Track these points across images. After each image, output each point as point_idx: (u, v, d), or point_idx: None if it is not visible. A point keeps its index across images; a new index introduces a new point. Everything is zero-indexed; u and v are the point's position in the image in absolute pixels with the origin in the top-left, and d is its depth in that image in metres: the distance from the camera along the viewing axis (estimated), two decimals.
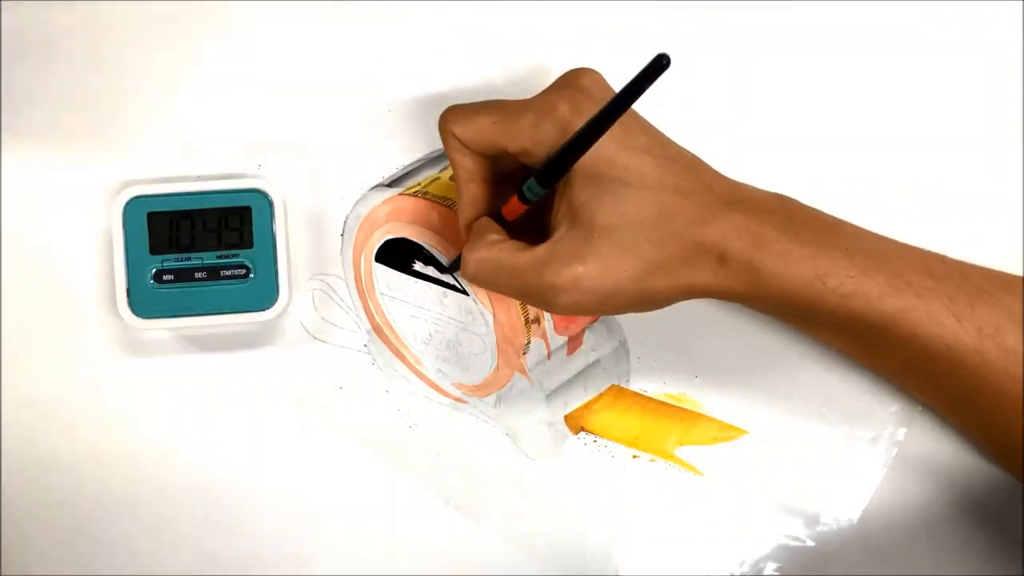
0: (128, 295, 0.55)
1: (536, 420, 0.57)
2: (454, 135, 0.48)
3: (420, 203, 0.55)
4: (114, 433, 0.57)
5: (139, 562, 0.57)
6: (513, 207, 0.48)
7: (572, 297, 0.46)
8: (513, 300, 0.53)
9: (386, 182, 0.57)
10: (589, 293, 0.46)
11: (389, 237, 0.55)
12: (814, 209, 0.50)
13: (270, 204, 0.55)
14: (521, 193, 0.47)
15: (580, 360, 0.57)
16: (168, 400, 0.57)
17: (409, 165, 0.57)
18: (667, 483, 0.57)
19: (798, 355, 0.55)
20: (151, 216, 0.55)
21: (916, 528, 0.56)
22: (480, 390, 0.57)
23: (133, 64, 0.57)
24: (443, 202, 0.54)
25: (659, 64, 0.38)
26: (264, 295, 0.55)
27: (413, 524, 0.57)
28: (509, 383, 0.56)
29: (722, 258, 0.47)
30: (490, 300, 0.53)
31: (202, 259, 0.55)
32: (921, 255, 0.50)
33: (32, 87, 0.57)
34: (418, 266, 0.55)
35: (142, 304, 0.55)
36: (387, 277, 0.56)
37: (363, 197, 0.57)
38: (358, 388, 0.57)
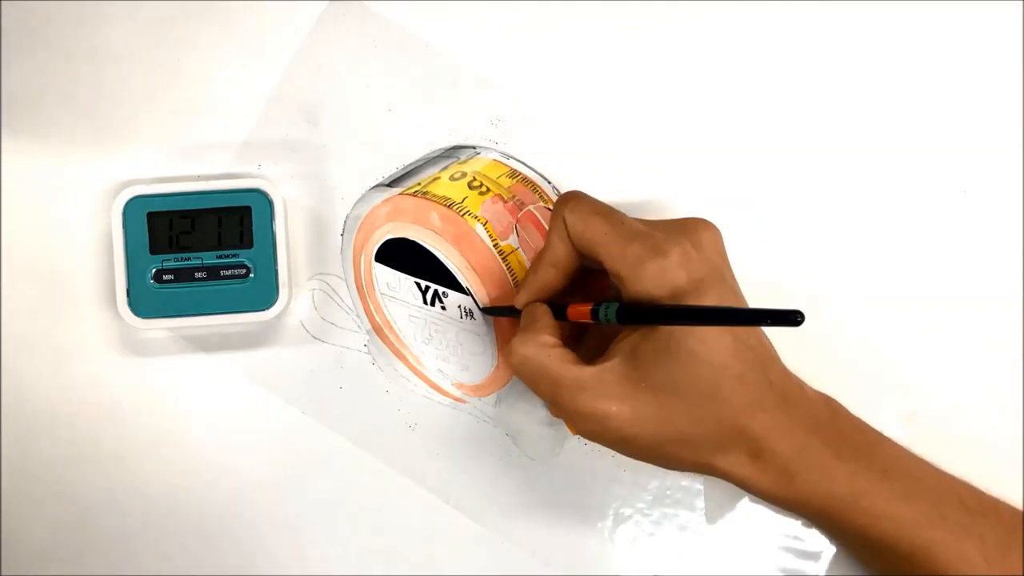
0: (128, 295, 0.55)
1: (536, 420, 0.57)
2: (564, 221, 0.48)
3: (420, 203, 0.55)
4: (114, 433, 0.57)
5: (139, 562, 0.57)
6: (580, 314, 0.48)
7: (593, 428, 0.47)
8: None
9: (386, 182, 0.57)
10: (610, 432, 0.46)
11: (389, 237, 0.55)
12: (858, 420, 0.51)
13: (270, 204, 0.55)
14: (595, 312, 0.47)
15: None
16: (168, 400, 0.57)
17: (409, 165, 0.57)
18: (667, 483, 0.57)
19: (799, 356, 0.54)
20: (151, 216, 0.55)
21: None
22: (480, 390, 0.57)
23: (133, 64, 0.57)
24: (443, 202, 0.54)
25: (791, 319, 0.37)
26: (264, 295, 0.55)
27: (413, 524, 0.57)
28: (509, 383, 0.56)
29: (758, 453, 0.47)
30: (490, 299, 0.53)
31: (202, 259, 0.55)
32: (956, 486, 0.51)
33: (32, 87, 0.57)
34: (419, 273, 0.55)
35: (142, 304, 0.55)
36: (387, 277, 0.56)
37: (363, 197, 0.57)
38: (358, 388, 0.57)
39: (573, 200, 0.49)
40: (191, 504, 0.57)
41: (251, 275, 0.55)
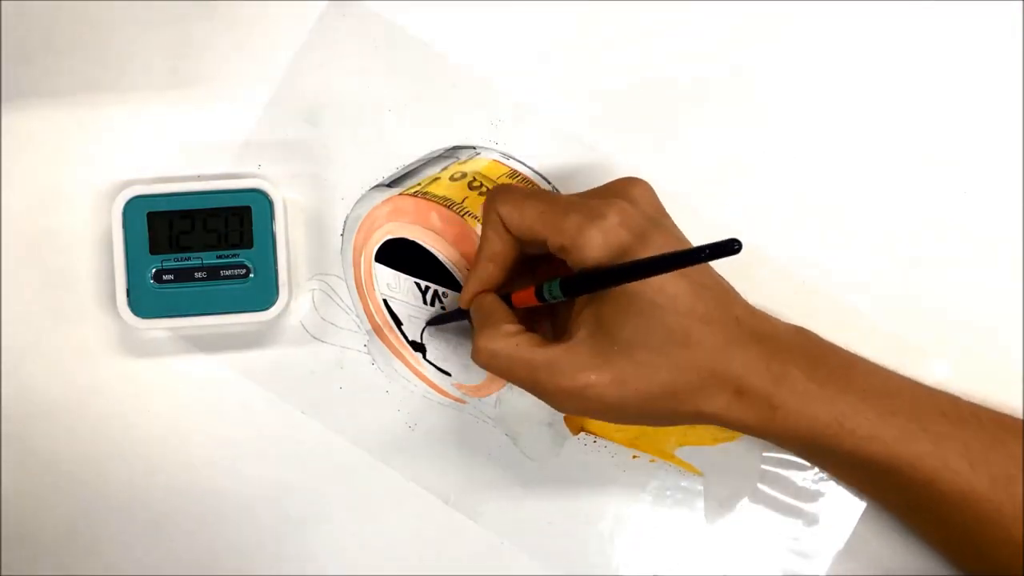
0: (128, 295, 0.55)
1: (536, 420, 0.57)
2: (498, 214, 0.49)
3: (420, 203, 0.55)
4: (114, 433, 0.57)
5: (139, 562, 0.57)
6: (525, 299, 0.48)
7: (579, 404, 0.47)
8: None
9: (386, 182, 0.57)
10: (596, 403, 0.46)
11: (389, 237, 0.55)
12: (831, 344, 0.51)
13: (270, 204, 0.55)
14: (539, 292, 0.47)
15: None
16: (167, 400, 0.57)
17: (409, 165, 0.57)
18: (667, 483, 0.57)
19: None
20: (151, 216, 0.55)
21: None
22: (480, 391, 0.57)
23: (133, 63, 0.57)
24: (443, 202, 0.54)
25: (729, 247, 0.38)
26: (264, 295, 0.55)
27: (413, 524, 0.57)
28: (509, 384, 0.56)
29: (740, 391, 0.47)
30: None
31: (202, 259, 0.55)
32: (934, 397, 0.51)
33: (32, 86, 0.57)
34: (418, 271, 0.55)
35: (142, 304, 0.55)
36: (387, 277, 0.56)
37: (363, 197, 0.57)
38: (358, 388, 0.57)
39: (503, 192, 0.49)
40: (191, 504, 0.57)
41: (251, 275, 0.55)
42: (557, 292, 0.46)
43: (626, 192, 0.49)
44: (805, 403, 0.48)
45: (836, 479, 0.55)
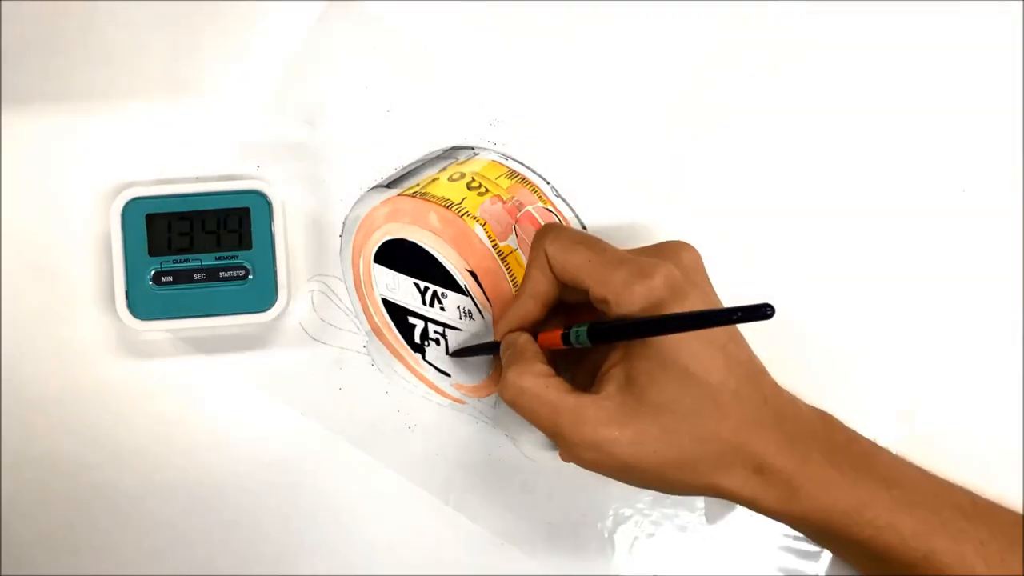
0: (127, 297, 0.55)
1: None
2: (546, 253, 0.49)
3: (418, 204, 0.55)
4: (113, 434, 0.57)
5: (139, 562, 0.57)
6: (550, 340, 0.48)
7: (595, 456, 0.47)
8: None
9: (384, 183, 0.57)
10: (612, 458, 0.46)
11: (388, 238, 0.55)
12: (853, 432, 0.51)
13: (269, 205, 0.55)
14: (566, 336, 0.47)
15: None
16: (167, 402, 0.57)
17: (408, 166, 0.57)
18: None
19: (799, 357, 0.55)
20: (150, 217, 0.55)
21: None
22: (479, 391, 0.57)
23: (133, 64, 0.57)
24: (441, 203, 0.54)
25: (762, 312, 0.38)
26: (263, 296, 0.55)
27: (413, 524, 0.57)
28: None
29: (759, 469, 0.47)
30: (489, 300, 0.54)
31: (201, 261, 0.55)
32: (953, 492, 0.51)
33: (32, 87, 0.57)
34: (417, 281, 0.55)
35: (141, 306, 0.55)
36: (386, 278, 0.56)
37: (362, 198, 0.57)
38: (358, 389, 0.57)
39: (553, 232, 0.49)
40: (190, 505, 0.57)
41: (250, 276, 0.55)
42: (584, 339, 0.46)
43: (676, 256, 0.48)
44: (824, 488, 0.48)
45: (850, 566, 0.54)
